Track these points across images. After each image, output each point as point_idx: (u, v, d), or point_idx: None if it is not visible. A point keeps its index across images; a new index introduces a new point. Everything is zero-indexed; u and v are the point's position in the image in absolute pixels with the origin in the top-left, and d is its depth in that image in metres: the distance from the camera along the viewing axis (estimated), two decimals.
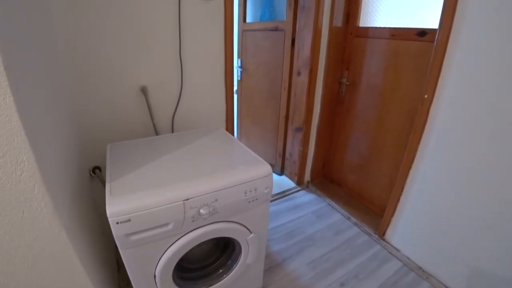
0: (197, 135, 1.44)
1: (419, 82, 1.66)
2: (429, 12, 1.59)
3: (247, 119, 2.85)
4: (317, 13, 1.93)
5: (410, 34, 1.69)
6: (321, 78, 2.15)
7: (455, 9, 1.29)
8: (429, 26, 1.57)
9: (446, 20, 1.32)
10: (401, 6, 1.73)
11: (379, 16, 1.87)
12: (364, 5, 1.96)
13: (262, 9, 2.39)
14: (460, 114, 1.37)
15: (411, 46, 1.70)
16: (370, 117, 2.05)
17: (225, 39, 1.67)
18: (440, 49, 1.37)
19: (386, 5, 1.81)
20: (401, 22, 1.74)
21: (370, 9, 1.93)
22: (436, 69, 1.42)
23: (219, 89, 1.78)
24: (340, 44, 2.10)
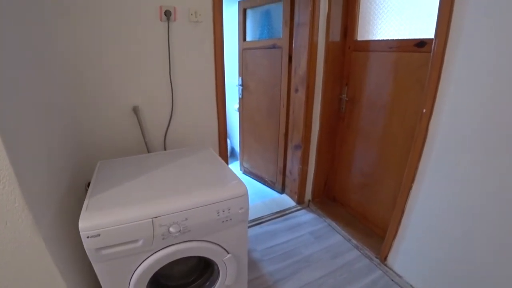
0: (184, 154, 1.47)
1: (421, 95, 1.62)
2: (428, 21, 1.57)
3: (249, 137, 2.87)
4: (312, 29, 1.95)
5: (409, 45, 1.67)
6: (319, 94, 2.15)
7: (451, 17, 1.26)
8: (429, 36, 1.54)
9: (441, 28, 1.29)
10: (399, 16, 1.72)
11: (378, 29, 1.86)
12: (361, 18, 1.97)
13: (261, 27, 2.45)
14: (460, 129, 1.31)
15: (411, 58, 1.67)
16: (371, 134, 2.01)
17: (215, 59, 1.72)
18: (437, 60, 1.34)
19: (384, 17, 1.81)
20: (400, 33, 1.73)
21: (368, 22, 1.93)
22: (433, 82, 1.38)
23: (210, 107, 1.81)
24: (338, 59, 2.11)
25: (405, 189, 1.61)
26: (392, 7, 1.74)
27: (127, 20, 1.47)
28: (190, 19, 1.61)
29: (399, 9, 1.70)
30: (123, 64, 1.51)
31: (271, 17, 2.32)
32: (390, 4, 1.74)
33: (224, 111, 1.85)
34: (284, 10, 2.15)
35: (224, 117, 1.86)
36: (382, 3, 1.80)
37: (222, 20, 1.67)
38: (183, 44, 1.64)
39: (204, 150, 1.52)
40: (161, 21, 1.56)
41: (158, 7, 1.53)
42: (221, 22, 1.66)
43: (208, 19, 1.65)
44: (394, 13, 1.73)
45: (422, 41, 1.60)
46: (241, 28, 2.62)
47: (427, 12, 1.57)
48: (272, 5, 2.28)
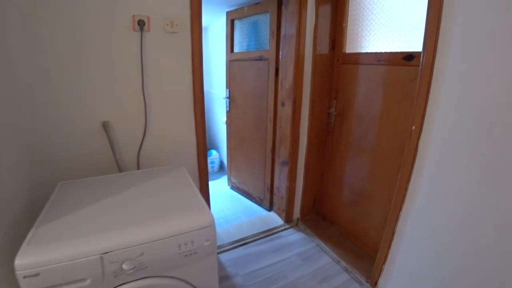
0: (153, 175, 1.34)
1: (411, 110, 1.53)
2: (416, 34, 1.49)
3: (237, 151, 2.75)
4: (298, 41, 1.87)
5: (397, 59, 1.58)
6: (306, 108, 2.05)
7: (438, 30, 1.18)
8: (418, 49, 1.46)
9: (429, 42, 1.21)
10: (388, 29, 1.63)
11: (366, 41, 1.78)
12: (349, 31, 1.89)
13: (249, 38, 2.37)
14: (451, 148, 1.21)
15: (400, 72, 1.59)
16: (361, 149, 1.90)
17: (193, 72, 1.61)
18: (426, 74, 1.25)
19: (372, 29, 1.73)
20: (389, 46, 1.64)
21: (356, 35, 1.85)
22: (422, 97, 1.29)
23: (188, 123, 1.70)
24: (327, 72, 2.02)
25: (394, 211, 1.50)
26: (380, 19, 1.66)
27: (97, 29, 1.37)
28: (165, 29, 1.51)
29: (387, 22, 1.62)
30: (92, 75, 1.40)
31: (259, 28, 2.24)
32: (378, 16, 1.66)
33: (203, 126, 1.74)
34: (271, 21, 2.07)
35: (203, 132, 1.75)
36: (370, 16, 1.72)
37: (200, 31, 1.57)
38: (158, 55, 1.54)
39: (176, 170, 1.40)
40: (134, 31, 1.46)
41: (131, 16, 1.43)
42: (199, 32, 1.56)
43: (185, 29, 1.55)
44: (382, 25, 1.65)
45: (410, 55, 1.51)
46: (228, 39, 2.54)
47: (415, 25, 1.49)
48: (260, 16, 2.20)
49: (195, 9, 1.53)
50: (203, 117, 1.72)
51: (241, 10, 2.32)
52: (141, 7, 1.45)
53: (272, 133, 2.25)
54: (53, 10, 1.26)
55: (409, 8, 1.52)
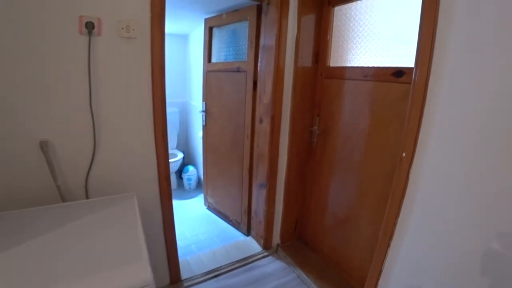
0: (95, 207, 1.10)
1: (401, 133, 1.34)
2: (406, 48, 1.31)
3: (213, 169, 2.51)
4: (278, 52, 1.67)
5: (386, 74, 1.40)
6: (286, 126, 1.84)
7: (434, 39, 1.01)
8: (408, 64, 1.28)
9: (423, 54, 1.03)
10: (376, 42, 1.46)
11: (352, 55, 1.59)
12: (334, 43, 1.71)
13: (227, 48, 2.17)
14: (447, 181, 1.02)
15: (388, 89, 1.40)
16: (346, 171, 1.70)
17: (153, 84, 1.37)
18: (418, 94, 1.07)
19: (359, 42, 1.54)
20: (378, 60, 1.46)
21: (341, 47, 1.66)
22: (414, 120, 1.10)
23: (147, 142, 1.44)
24: (309, 87, 1.82)
25: (382, 247, 1.29)
26: (367, 31, 1.48)
27: (34, 32, 1.12)
28: (120, 34, 1.28)
29: (374, 34, 1.45)
30: (28, 86, 1.15)
31: (238, 37, 2.04)
32: (366, 28, 1.48)
33: (165, 146, 1.49)
34: (250, 30, 1.87)
35: (165, 153, 1.51)
36: (356, 28, 1.54)
37: (162, 37, 1.35)
38: (111, 64, 1.29)
39: (126, 200, 1.16)
40: (82, 35, 1.21)
41: (78, 17, 1.19)
42: (161, 38, 1.34)
43: (144, 35, 1.32)
44: (369, 38, 1.48)
45: (400, 70, 1.33)
46: (206, 48, 2.32)
47: (405, 38, 1.32)
48: (239, 24, 2.01)
49: (156, 11, 1.31)
50: (165, 136, 1.48)
51: (220, 17, 2.12)
52: (90, 7, 1.20)
53: (250, 152, 2.03)
54: None
55: (398, 19, 1.35)
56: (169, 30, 3.08)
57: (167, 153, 1.52)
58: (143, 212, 1.41)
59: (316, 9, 1.69)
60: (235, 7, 1.95)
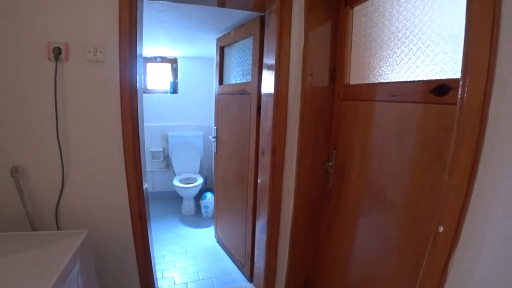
0: (33, 241, 0.93)
1: (441, 183, 0.84)
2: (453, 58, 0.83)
3: (222, 202, 2.17)
4: (279, 70, 1.30)
5: (421, 92, 0.91)
6: (292, 160, 1.42)
7: (496, 29, 0.55)
8: (455, 75, 0.80)
9: (475, 55, 0.58)
10: (409, 45, 1.00)
11: (379, 67, 1.15)
12: (355, 53, 1.28)
13: (235, 68, 1.88)
14: None
15: (425, 113, 0.91)
16: (368, 225, 1.20)
17: (122, 111, 1.13)
18: (468, 121, 0.61)
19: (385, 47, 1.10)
20: (412, 72, 1.00)
21: (364, 58, 1.22)
22: (460, 173, 0.63)
23: (116, 175, 1.18)
24: (323, 112, 1.39)
25: None
26: (396, 33, 1.03)
27: (3, 59, 1.01)
28: (87, 57, 1.08)
29: (406, 36, 0.99)
30: None
31: (244, 55, 1.74)
32: (394, 29, 1.04)
33: (137, 179, 1.21)
34: (254, 46, 1.55)
35: (138, 187, 1.22)
36: (382, 30, 1.10)
37: (133, 58, 1.11)
38: (78, 90, 1.11)
39: (70, 239, 0.96)
40: (50, 61, 1.06)
41: (46, 44, 1.04)
42: (132, 61, 1.10)
43: (112, 58, 1.10)
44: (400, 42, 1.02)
45: (442, 84, 0.85)
46: (217, 69, 2.07)
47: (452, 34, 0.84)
48: (245, 40, 1.71)
49: (125, 31, 1.08)
50: (137, 168, 1.21)
51: (229, 35, 1.85)
52: (57, 32, 1.07)
53: (253, 189, 1.65)
54: None
55: (445, 14, 0.88)
56: (191, 53, 2.95)
57: (141, 187, 1.24)
58: (109, 257, 1.23)
59: (330, 12, 1.29)
60: (242, 21, 1.67)
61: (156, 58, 3.06)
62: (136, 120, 1.15)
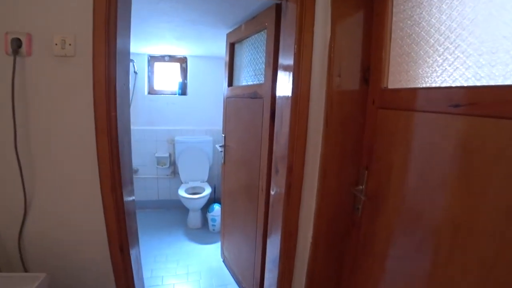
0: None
1: None
2: None
3: (229, 218, 1.92)
4: (298, 68, 1.03)
5: (498, 102, 0.63)
6: (313, 181, 1.15)
7: None
8: None
9: None
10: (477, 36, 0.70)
11: (432, 67, 0.86)
12: (396, 49, 0.99)
13: (246, 67, 1.62)
14: None
15: (501, 133, 0.63)
16: (409, 271, 0.91)
17: (96, 118, 0.90)
18: None
19: (441, 39, 0.81)
20: (482, 72, 0.70)
21: (409, 55, 0.94)
22: None
23: (90, 197, 0.96)
24: (352, 122, 1.11)
25: None
26: (455, 19, 0.74)
27: None
28: (55, 52, 0.86)
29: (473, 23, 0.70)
30: None
31: (257, 52, 1.48)
32: (452, 14, 0.75)
33: (116, 202, 0.98)
34: (268, 40, 1.29)
35: (118, 212, 0.99)
36: (435, 16, 0.82)
37: (111, 53, 0.87)
38: (42, 92, 0.89)
39: None
40: (8, 55, 0.84)
41: (3, 34, 0.82)
42: (108, 56, 0.87)
43: (84, 52, 0.87)
44: (460, 32, 0.73)
45: None
46: (227, 69, 1.82)
47: None
48: (258, 35, 1.45)
49: (100, 21, 0.85)
50: (118, 190, 0.97)
51: (239, 29, 1.60)
52: (17, 20, 0.84)
53: (264, 210, 1.39)
54: None
55: None
56: (201, 52, 2.72)
57: (121, 212, 1.01)
58: None
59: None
60: (254, 12, 1.41)
61: (164, 57, 2.86)
62: (114, 129, 0.92)
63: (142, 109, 2.82)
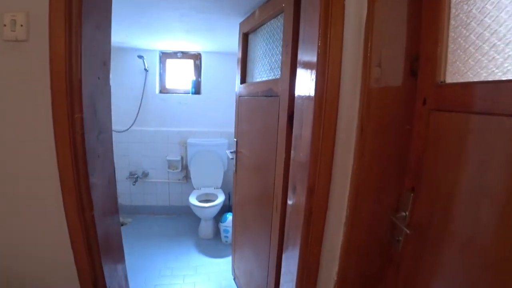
0: None
1: None
2: None
3: (240, 234, 1.68)
4: (323, 58, 0.78)
5: None
6: (341, 207, 0.88)
7: None
8: None
9: None
10: None
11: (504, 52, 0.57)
12: (457, 30, 0.71)
13: (260, 60, 1.38)
14: None
15: None
16: None
17: (54, 121, 0.71)
18: None
19: None
20: None
21: (480, 37, 0.66)
22: None
23: (54, 223, 0.77)
24: (395, 129, 0.84)
25: None
26: None
27: None
28: (4, 35, 0.67)
29: None
30: None
31: (272, 41, 1.24)
32: None
33: (87, 228, 0.78)
34: (285, 24, 1.04)
35: (89, 240, 0.79)
36: None
37: (76, 35, 0.67)
38: None
39: None
40: None
41: None
42: (69, 38, 0.66)
43: (40, 34, 0.67)
44: None
45: None
46: (240, 63, 1.59)
47: None
48: (274, 21, 1.21)
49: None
50: (86, 212, 0.77)
51: (253, 16, 1.36)
52: None
53: (279, 236, 1.15)
54: None
55: None
56: (215, 47, 2.48)
57: (94, 240, 0.81)
58: None
59: None
60: None
61: (177, 53, 2.69)
62: (80, 136, 0.72)
63: (153, 109, 2.67)
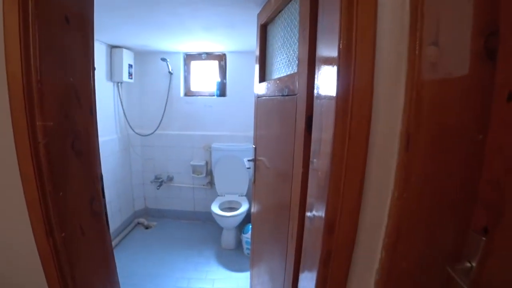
0: None
1: None
2: None
3: (259, 250, 1.49)
4: (346, 51, 0.55)
5: None
6: (373, 249, 0.64)
7: None
8: None
9: None
10: None
11: None
12: None
13: (278, 53, 1.16)
14: None
15: None
16: None
17: (14, 129, 0.58)
18: None
19: None
20: None
21: None
22: None
23: (24, 244, 0.66)
24: (459, 139, 0.57)
25: None
26: None
27: None
28: None
29: None
30: None
31: (289, 31, 1.02)
32: None
33: (57, 252, 0.64)
34: (302, 12, 0.82)
35: (61, 267, 0.65)
36: None
37: (32, 32, 0.53)
38: None
39: None
40: None
41: None
42: (24, 34, 0.52)
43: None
44: None
45: None
46: (258, 59, 1.40)
47: None
48: (290, 6, 0.99)
49: None
50: (56, 233, 0.64)
51: (269, 4, 1.15)
52: None
53: (293, 271, 0.92)
54: None
55: None
56: (239, 46, 2.30)
57: (66, 262, 0.67)
58: None
59: None
60: None
61: (201, 55, 2.58)
62: (43, 147, 0.58)
63: (178, 112, 2.59)
